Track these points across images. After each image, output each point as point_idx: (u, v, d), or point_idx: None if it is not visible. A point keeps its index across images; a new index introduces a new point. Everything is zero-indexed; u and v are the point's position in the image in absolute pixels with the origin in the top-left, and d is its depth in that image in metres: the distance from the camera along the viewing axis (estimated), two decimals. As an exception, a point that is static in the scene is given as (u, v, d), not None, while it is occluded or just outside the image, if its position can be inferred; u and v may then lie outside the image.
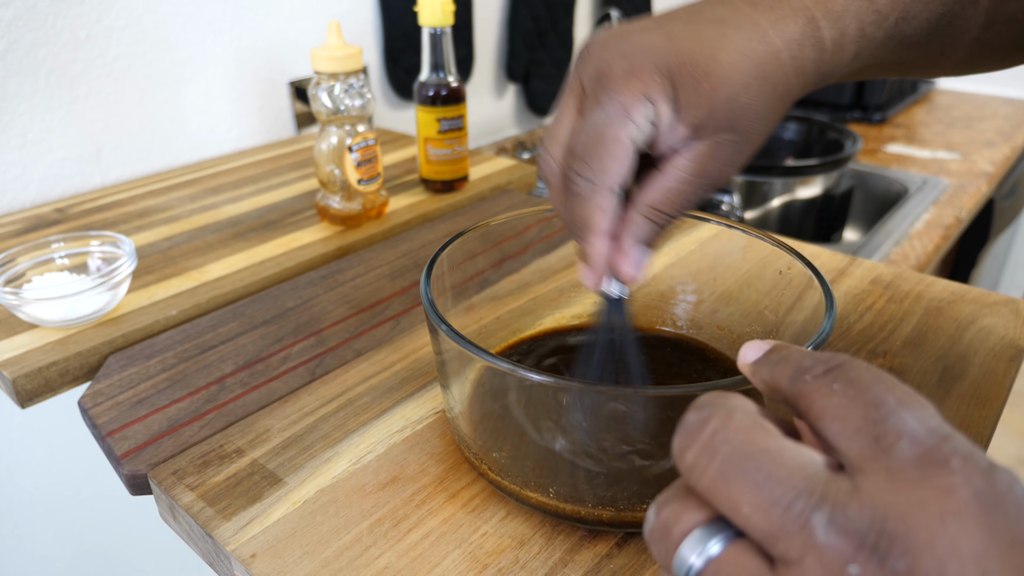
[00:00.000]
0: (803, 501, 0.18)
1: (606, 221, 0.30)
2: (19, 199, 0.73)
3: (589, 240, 0.31)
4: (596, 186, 0.30)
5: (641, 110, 0.29)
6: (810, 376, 0.21)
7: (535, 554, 0.34)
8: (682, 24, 0.31)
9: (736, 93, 0.30)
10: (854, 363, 0.21)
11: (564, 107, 0.32)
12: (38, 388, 0.48)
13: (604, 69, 0.30)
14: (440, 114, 0.72)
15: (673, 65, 0.29)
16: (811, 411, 0.20)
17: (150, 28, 0.78)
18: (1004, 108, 1.58)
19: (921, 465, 0.18)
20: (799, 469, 0.18)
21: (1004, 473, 0.18)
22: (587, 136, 0.30)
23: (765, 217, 1.14)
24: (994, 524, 0.17)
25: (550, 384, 0.30)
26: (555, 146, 0.32)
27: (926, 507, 0.17)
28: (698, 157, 0.30)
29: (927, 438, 0.18)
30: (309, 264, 0.62)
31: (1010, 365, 0.46)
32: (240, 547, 0.34)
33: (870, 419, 0.19)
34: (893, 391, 0.19)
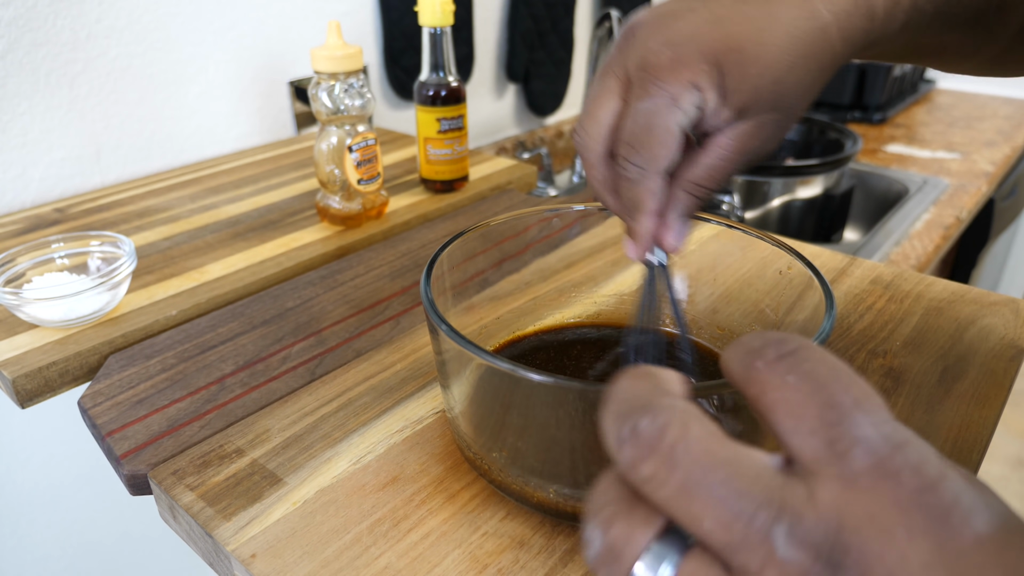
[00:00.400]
0: (764, 514, 0.18)
1: (655, 202, 0.32)
2: (19, 199, 0.73)
3: (638, 219, 0.32)
4: (647, 171, 0.31)
5: (688, 98, 0.30)
6: (761, 362, 0.20)
7: (535, 554, 0.34)
8: (729, 4, 0.31)
9: (782, 75, 0.30)
10: (808, 351, 0.20)
11: (605, 89, 0.32)
12: (38, 388, 0.48)
13: (651, 58, 0.30)
14: (440, 114, 0.72)
15: (719, 52, 0.30)
16: (762, 401, 0.19)
17: (150, 28, 0.78)
18: (1004, 108, 1.58)
19: (874, 476, 0.18)
20: (756, 479, 0.18)
21: (952, 482, 0.18)
22: (636, 124, 0.30)
23: (765, 217, 1.14)
24: (940, 535, 0.17)
25: (550, 384, 0.30)
26: (596, 127, 0.32)
27: (877, 519, 0.17)
28: (741, 136, 0.31)
29: (881, 447, 0.18)
30: (309, 264, 0.62)
31: (1010, 365, 0.46)
32: (240, 547, 0.34)
33: (825, 420, 0.18)
34: (849, 390, 0.19)
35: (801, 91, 0.31)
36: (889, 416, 0.19)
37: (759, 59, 0.30)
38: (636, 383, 0.20)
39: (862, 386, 0.19)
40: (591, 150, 0.33)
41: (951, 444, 0.40)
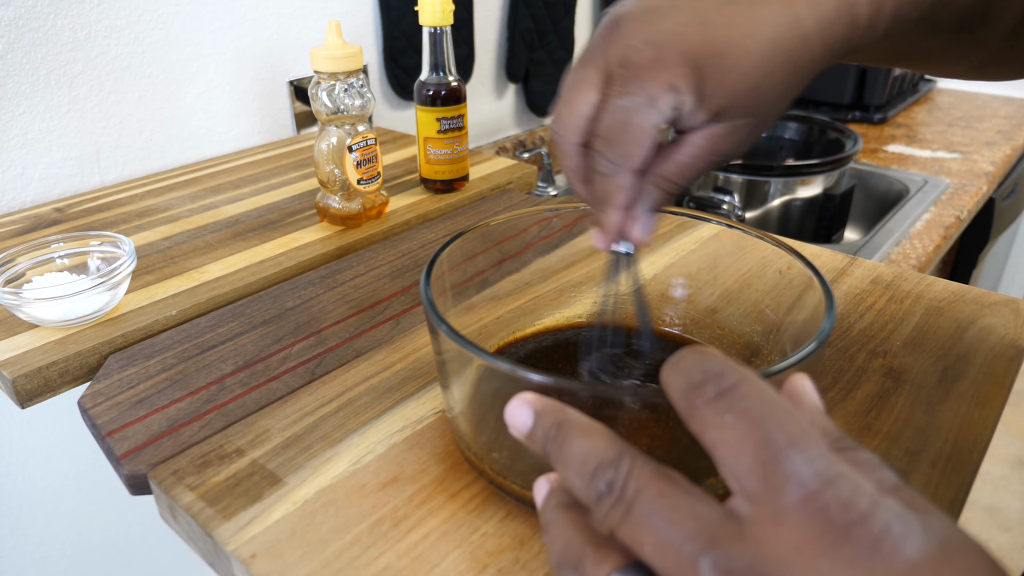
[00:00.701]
0: (691, 544, 0.20)
1: (625, 198, 0.32)
2: (19, 199, 0.73)
3: (607, 212, 0.33)
4: (620, 167, 0.31)
5: (666, 99, 0.30)
6: (701, 400, 0.21)
7: (535, 554, 0.34)
8: (715, 5, 0.30)
9: (760, 82, 0.30)
10: (745, 387, 0.21)
11: (584, 80, 0.32)
12: (38, 388, 0.48)
13: (632, 56, 0.30)
14: (440, 114, 0.72)
15: (700, 55, 0.30)
16: (703, 438, 0.21)
17: (150, 28, 0.78)
18: (1004, 108, 1.58)
19: (802, 511, 0.19)
20: (693, 514, 0.20)
21: (884, 512, 0.19)
22: (613, 120, 0.31)
23: (765, 217, 1.14)
24: (869, 565, 0.18)
25: (550, 384, 0.30)
26: (573, 117, 0.32)
27: (803, 551, 0.18)
28: (714, 138, 0.32)
29: (812, 481, 0.19)
30: (309, 264, 0.62)
31: (1010, 365, 0.46)
32: (240, 547, 0.34)
33: (760, 459, 0.20)
34: (784, 427, 0.20)
35: (777, 97, 0.32)
36: (822, 451, 0.20)
37: (738, 65, 0.30)
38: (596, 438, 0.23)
39: (797, 422, 0.20)
40: (566, 139, 0.33)
41: (951, 444, 0.40)
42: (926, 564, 0.18)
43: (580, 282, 0.50)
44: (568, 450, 0.24)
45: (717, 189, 1.12)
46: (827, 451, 0.20)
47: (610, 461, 0.22)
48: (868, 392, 0.44)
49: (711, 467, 0.21)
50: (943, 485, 0.37)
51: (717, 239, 0.45)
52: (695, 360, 0.23)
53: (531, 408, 0.26)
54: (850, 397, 0.44)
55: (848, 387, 0.45)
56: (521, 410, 0.26)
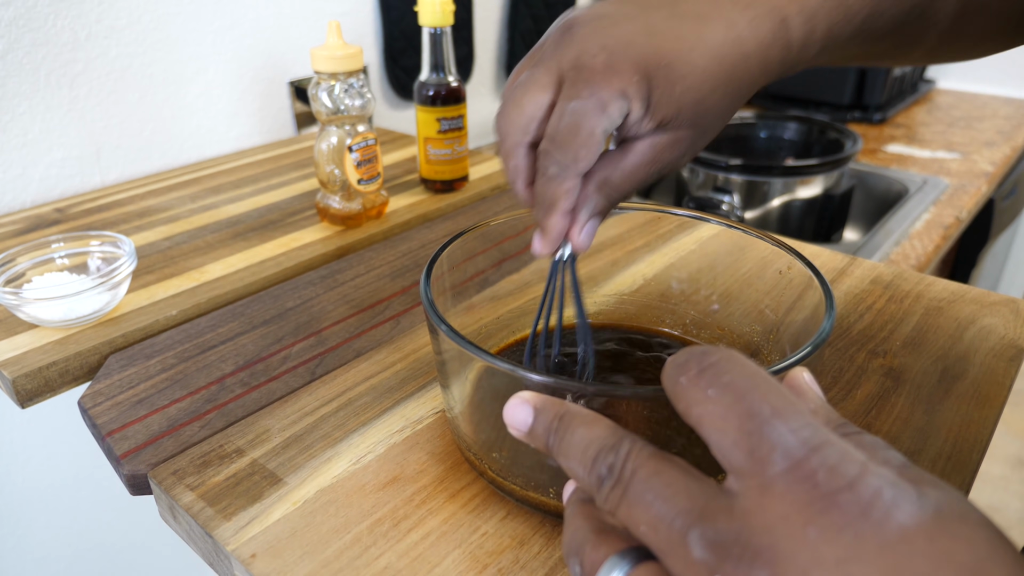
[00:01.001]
0: (682, 519, 0.20)
1: (570, 201, 0.32)
2: (19, 199, 0.73)
3: (550, 215, 0.33)
4: (567, 170, 0.31)
5: (616, 105, 0.30)
6: (684, 378, 0.22)
7: (535, 554, 0.34)
8: (663, 17, 0.31)
9: (704, 96, 0.31)
10: (727, 362, 0.21)
11: (535, 81, 0.32)
12: (38, 388, 0.48)
13: (586, 60, 0.31)
14: (440, 114, 0.72)
15: (651, 65, 0.30)
16: (690, 416, 0.21)
17: (150, 28, 0.78)
18: (1004, 108, 1.58)
19: (789, 479, 0.19)
20: (685, 491, 0.20)
21: (874, 478, 0.19)
22: (563, 123, 0.31)
23: (765, 217, 1.14)
24: (858, 531, 0.18)
25: (549, 384, 0.30)
26: (520, 116, 0.32)
27: (790, 519, 0.18)
28: (657, 147, 0.32)
29: (797, 450, 0.19)
30: (309, 264, 0.62)
31: (1010, 365, 0.46)
32: (240, 547, 0.34)
33: (744, 431, 0.20)
34: (768, 398, 0.20)
35: (719, 113, 0.32)
36: (808, 421, 0.20)
37: (685, 77, 0.31)
38: (597, 427, 0.24)
39: (781, 393, 0.21)
40: (512, 138, 0.33)
41: (951, 444, 0.40)
42: (919, 530, 0.18)
43: (580, 282, 0.50)
44: (570, 440, 0.24)
45: (717, 189, 1.12)
46: (814, 421, 0.20)
47: (611, 447, 0.23)
48: (868, 392, 0.44)
49: (714, 464, 0.21)
50: (943, 485, 0.37)
51: (717, 239, 0.45)
52: (686, 351, 0.23)
53: (530, 405, 0.26)
54: (850, 397, 0.44)
55: (848, 387, 0.45)
56: (520, 409, 0.26)
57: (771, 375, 0.21)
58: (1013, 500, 1.56)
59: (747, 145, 1.29)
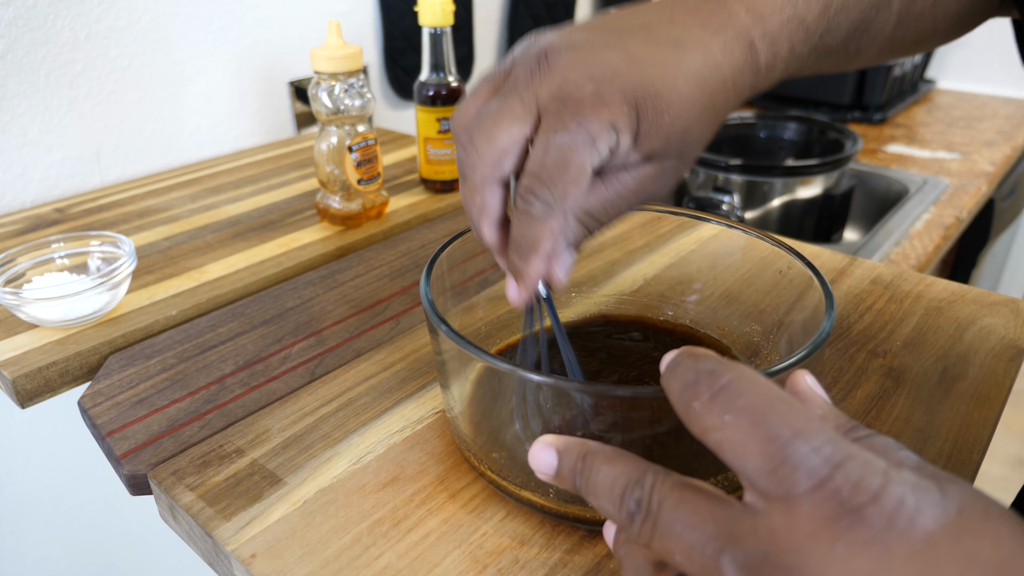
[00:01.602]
0: (713, 544, 0.20)
1: (553, 243, 0.30)
2: (19, 199, 0.73)
3: (531, 260, 0.30)
4: (553, 209, 0.29)
5: (606, 138, 0.29)
6: (698, 403, 0.22)
7: (535, 554, 0.34)
8: (641, 44, 0.30)
9: (690, 124, 0.30)
10: (740, 384, 0.21)
11: (508, 112, 0.30)
12: (38, 388, 0.48)
13: (572, 91, 0.29)
14: (440, 114, 0.72)
15: (639, 96, 0.29)
16: (708, 441, 0.21)
17: (150, 28, 0.78)
18: (1004, 108, 1.58)
19: (814, 498, 0.19)
20: (712, 516, 0.21)
21: (896, 486, 0.19)
22: (550, 158, 0.29)
23: (765, 217, 1.14)
24: (886, 542, 0.18)
25: (550, 384, 0.30)
26: (492, 151, 0.30)
27: (817, 537, 0.19)
28: (643, 178, 0.31)
29: (821, 468, 0.19)
30: (309, 264, 0.62)
31: (1010, 365, 0.46)
32: (240, 547, 0.34)
33: (766, 455, 0.20)
34: (786, 419, 0.20)
35: (701, 139, 0.31)
36: (829, 436, 0.20)
37: (672, 106, 0.29)
38: (620, 463, 0.24)
39: (799, 411, 0.21)
40: (481, 174, 0.30)
41: (951, 444, 0.40)
42: (944, 533, 0.18)
43: (580, 282, 0.50)
44: (595, 479, 0.24)
45: (717, 189, 1.12)
46: (834, 436, 0.20)
47: (636, 481, 0.23)
48: (868, 392, 0.44)
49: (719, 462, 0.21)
50: (943, 485, 0.37)
51: (717, 239, 0.45)
52: (688, 362, 0.23)
53: (553, 448, 0.26)
54: (850, 397, 0.44)
55: (848, 387, 0.45)
56: (544, 452, 0.26)
57: (782, 391, 0.21)
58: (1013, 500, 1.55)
59: (747, 145, 1.29)
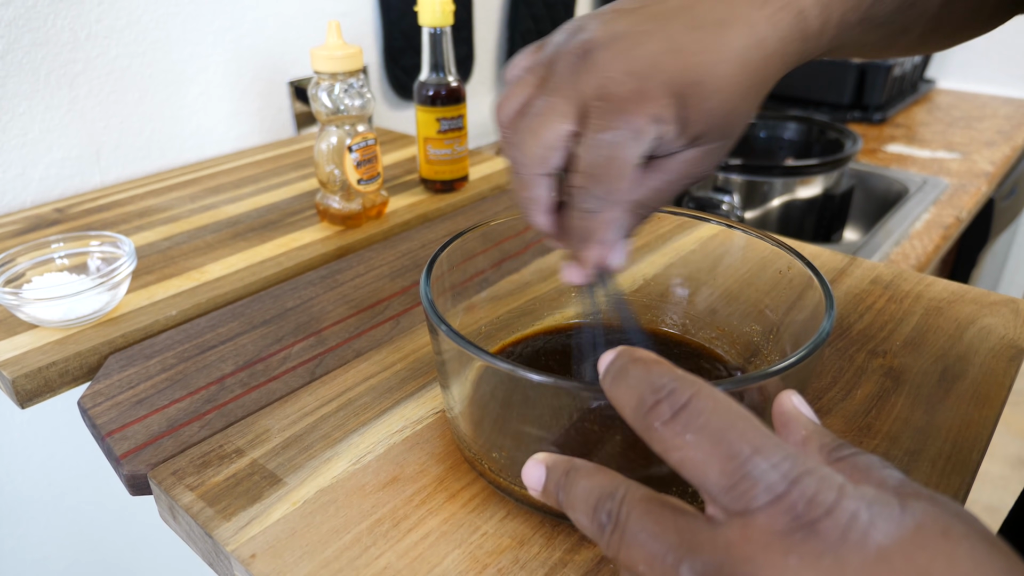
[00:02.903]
0: (672, 554, 0.21)
1: (611, 233, 0.31)
2: (19, 199, 0.73)
3: (588, 248, 0.32)
4: (605, 203, 0.31)
5: (651, 131, 0.29)
6: (659, 423, 0.22)
7: (535, 554, 0.34)
8: (683, 28, 0.30)
9: (735, 105, 0.30)
10: (700, 402, 0.22)
11: (552, 109, 0.30)
12: (38, 388, 0.48)
13: (613, 88, 0.29)
14: (440, 114, 0.72)
15: (681, 84, 0.29)
16: (669, 460, 0.22)
17: (150, 28, 0.78)
18: (1004, 108, 1.58)
19: (770, 512, 0.20)
20: (674, 527, 0.21)
21: (851, 501, 0.19)
22: (598, 156, 0.30)
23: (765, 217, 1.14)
24: (838, 555, 0.18)
25: (550, 384, 0.30)
26: (540, 147, 0.31)
27: (771, 548, 0.19)
28: (690, 162, 0.32)
29: (778, 484, 0.20)
30: (309, 264, 0.62)
31: (1010, 365, 0.46)
32: (240, 547, 0.34)
33: (726, 472, 0.20)
34: (746, 436, 0.21)
35: (745, 117, 0.32)
36: (787, 453, 0.20)
37: (717, 91, 0.30)
38: (598, 477, 0.24)
39: (758, 429, 0.21)
40: (530, 170, 0.31)
41: (951, 444, 0.40)
42: (898, 548, 0.18)
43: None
44: (574, 492, 0.24)
45: (717, 189, 1.12)
46: (793, 452, 0.20)
47: (609, 494, 0.23)
48: (868, 392, 0.44)
49: None
50: (943, 485, 0.37)
51: (717, 239, 0.45)
52: (642, 376, 0.23)
53: (543, 465, 0.26)
54: (850, 397, 0.44)
55: (848, 387, 0.45)
56: (534, 468, 0.27)
57: (741, 408, 0.22)
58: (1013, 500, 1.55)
59: (747, 145, 1.29)
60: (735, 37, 0.30)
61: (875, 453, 0.39)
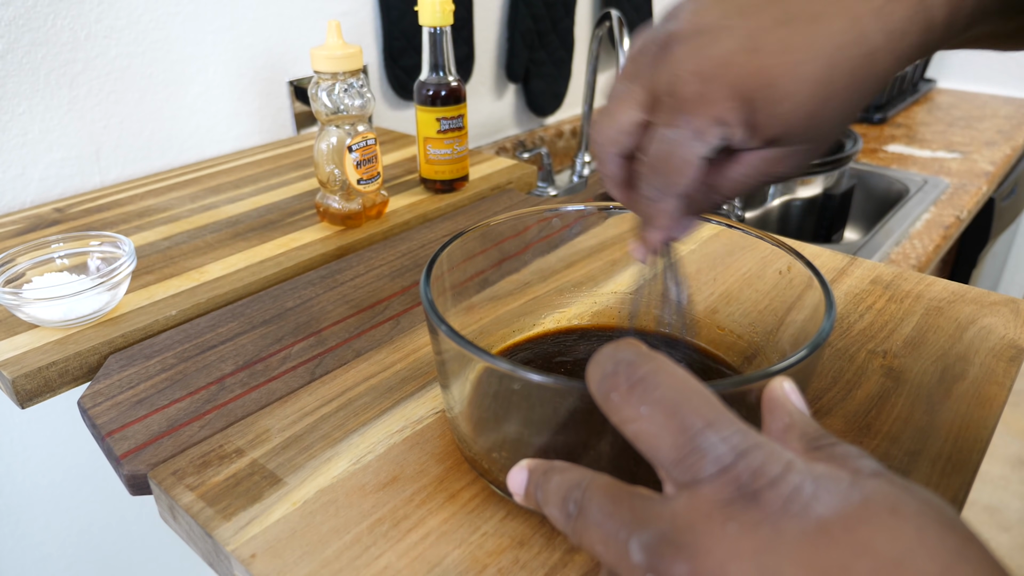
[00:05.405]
0: (625, 530, 0.21)
1: (669, 221, 0.32)
2: (19, 199, 0.73)
3: (649, 230, 0.33)
4: (664, 194, 0.31)
5: (714, 132, 0.29)
6: (616, 394, 0.22)
7: (535, 554, 0.34)
8: (769, 23, 0.28)
9: (817, 109, 0.28)
10: (657, 376, 0.22)
11: (629, 95, 0.32)
12: (38, 388, 0.48)
13: (679, 87, 0.29)
14: (440, 114, 0.72)
15: (750, 88, 0.28)
16: (625, 431, 0.22)
17: (150, 28, 0.78)
18: (1004, 108, 1.58)
19: (716, 483, 0.20)
20: (628, 506, 0.22)
21: (795, 474, 0.19)
22: (659, 150, 0.30)
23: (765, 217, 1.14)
24: (776, 524, 0.19)
25: (550, 384, 0.30)
26: (613, 129, 0.32)
27: (712, 516, 0.19)
28: (769, 160, 0.31)
29: (726, 456, 0.20)
30: (309, 264, 0.62)
31: (1010, 365, 0.46)
32: (240, 547, 0.34)
33: (678, 444, 0.21)
34: (699, 411, 0.21)
35: (837, 121, 0.30)
36: (739, 427, 0.21)
37: (793, 95, 0.28)
38: (568, 472, 0.25)
39: (711, 403, 0.21)
40: (604, 148, 0.33)
41: (951, 444, 0.40)
42: (839, 520, 0.18)
43: (580, 282, 0.50)
44: (548, 488, 0.25)
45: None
46: (744, 427, 0.21)
47: (575, 484, 0.24)
48: (868, 392, 0.44)
49: None
50: (943, 485, 0.37)
51: (717, 239, 0.45)
52: (609, 351, 0.23)
53: (526, 469, 0.27)
54: (850, 397, 0.44)
55: (848, 387, 0.45)
56: (518, 473, 0.27)
57: (700, 383, 0.22)
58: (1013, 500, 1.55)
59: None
60: (828, 34, 0.27)
61: (875, 453, 0.39)
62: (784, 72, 0.28)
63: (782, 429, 0.23)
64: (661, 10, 0.31)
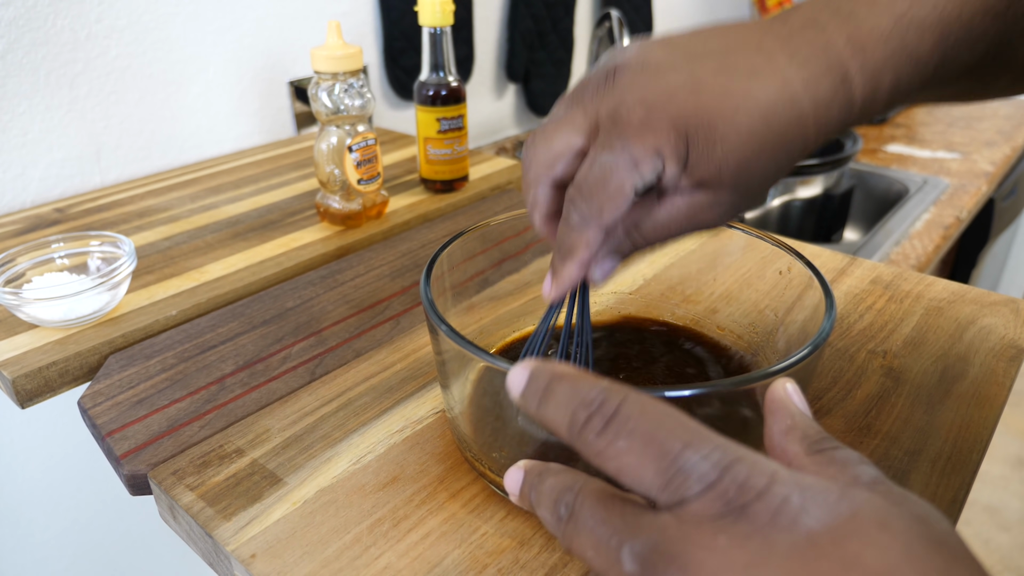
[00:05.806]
0: (616, 538, 0.21)
1: (588, 253, 0.31)
2: (19, 199, 0.73)
3: (566, 263, 0.32)
4: (589, 222, 0.30)
5: (649, 163, 0.29)
6: (592, 435, 0.22)
7: (535, 554, 0.34)
8: (712, 71, 0.29)
9: (748, 159, 0.29)
10: (627, 408, 0.22)
11: (569, 121, 0.31)
12: (38, 388, 0.48)
13: (623, 113, 0.29)
14: (440, 114, 0.72)
15: (690, 124, 0.28)
16: (607, 470, 0.22)
17: (150, 28, 0.78)
18: (1004, 108, 1.58)
19: (703, 499, 0.20)
20: (620, 516, 0.22)
21: (783, 486, 0.20)
22: (592, 174, 0.30)
23: (765, 217, 1.14)
24: (766, 537, 0.19)
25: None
26: (548, 153, 0.31)
27: (702, 528, 0.20)
28: (695, 206, 0.31)
29: (710, 472, 0.20)
30: (309, 264, 0.62)
31: (1010, 365, 0.46)
32: (240, 547, 0.34)
33: (660, 470, 0.21)
34: (675, 433, 0.21)
35: (764, 177, 0.30)
36: (717, 443, 0.21)
37: (727, 139, 0.28)
38: (562, 475, 0.25)
39: (686, 425, 0.22)
40: (535, 171, 0.32)
41: (951, 444, 0.40)
42: (828, 533, 0.18)
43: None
44: (541, 490, 0.25)
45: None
46: (724, 442, 0.21)
47: (567, 487, 0.24)
48: (868, 392, 0.44)
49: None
50: (943, 485, 0.37)
51: (717, 239, 0.45)
52: (569, 392, 0.23)
53: (522, 469, 0.27)
54: (850, 397, 0.44)
55: (848, 387, 0.45)
56: (514, 473, 0.27)
57: (668, 407, 0.22)
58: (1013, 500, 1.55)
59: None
60: (763, 90, 0.28)
61: (875, 453, 0.39)
62: (722, 116, 0.28)
63: (784, 431, 0.23)
64: (661, 10, 0.31)
